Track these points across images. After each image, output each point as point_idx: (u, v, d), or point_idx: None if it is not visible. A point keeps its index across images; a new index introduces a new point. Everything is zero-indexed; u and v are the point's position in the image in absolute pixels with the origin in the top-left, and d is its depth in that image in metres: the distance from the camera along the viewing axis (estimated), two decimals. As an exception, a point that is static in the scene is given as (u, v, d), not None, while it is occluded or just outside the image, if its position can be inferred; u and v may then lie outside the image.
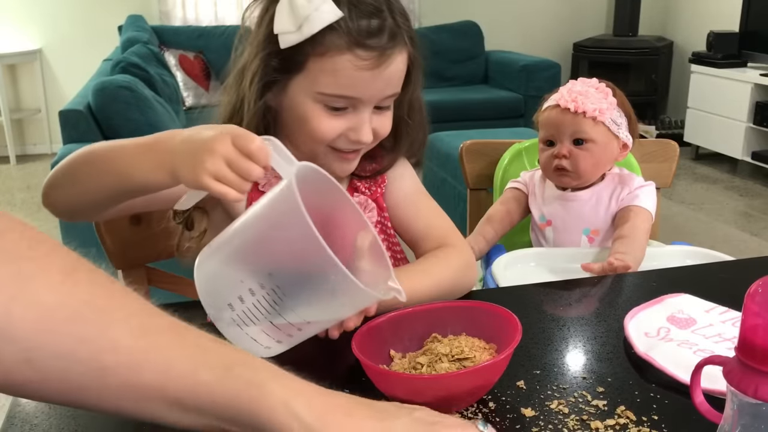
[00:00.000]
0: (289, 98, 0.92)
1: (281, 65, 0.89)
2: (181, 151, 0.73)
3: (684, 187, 4.12)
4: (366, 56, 0.86)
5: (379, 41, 0.86)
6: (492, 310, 0.79)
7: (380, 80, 0.88)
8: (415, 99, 1.00)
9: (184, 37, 4.48)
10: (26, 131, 4.90)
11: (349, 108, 0.90)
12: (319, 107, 0.89)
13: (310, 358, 0.85)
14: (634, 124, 1.33)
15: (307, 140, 0.93)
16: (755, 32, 4.36)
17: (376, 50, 0.86)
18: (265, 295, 0.68)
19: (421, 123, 1.04)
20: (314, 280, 0.67)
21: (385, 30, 0.87)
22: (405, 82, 0.94)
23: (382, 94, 0.90)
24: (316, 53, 0.87)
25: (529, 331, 0.87)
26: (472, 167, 1.55)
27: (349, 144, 0.92)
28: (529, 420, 0.68)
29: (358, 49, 0.86)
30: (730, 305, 0.92)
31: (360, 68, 0.86)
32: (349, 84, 0.87)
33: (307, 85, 0.89)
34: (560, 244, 1.34)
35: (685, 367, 0.73)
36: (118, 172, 0.78)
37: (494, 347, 0.77)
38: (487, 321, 0.78)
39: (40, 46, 4.76)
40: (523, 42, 5.25)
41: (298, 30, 0.85)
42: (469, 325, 0.80)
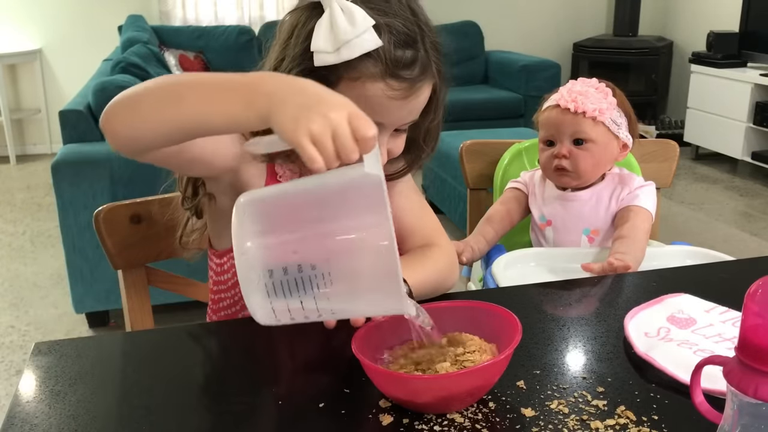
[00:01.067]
0: None
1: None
2: (286, 99, 0.68)
3: (684, 187, 4.12)
4: (397, 86, 0.87)
5: (411, 73, 0.87)
6: (492, 310, 0.79)
7: (406, 109, 0.90)
8: (434, 127, 1.00)
9: (184, 37, 4.48)
10: (26, 131, 4.91)
11: None
12: None
13: (310, 358, 0.85)
14: (634, 124, 1.33)
15: None
16: (755, 32, 4.36)
17: (407, 81, 0.87)
18: (313, 277, 0.65)
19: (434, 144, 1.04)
20: (367, 283, 0.66)
21: (418, 62, 0.87)
22: (426, 109, 0.95)
23: (403, 121, 0.92)
24: (350, 77, 0.87)
25: (529, 331, 0.87)
26: (472, 167, 1.55)
27: None
28: (529, 420, 0.68)
29: (391, 79, 0.86)
30: (730, 305, 0.92)
31: (390, 98, 0.87)
32: (377, 111, 0.86)
33: None
34: (560, 244, 1.34)
35: (685, 367, 0.73)
36: (195, 103, 0.73)
37: (494, 346, 0.77)
38: (487, 321, 0.78)
39: (40, 46, 4.76)
40: (523, 42, 5.25)
41: (336, 52, 0.85)
42: (469, 325, 0.80)
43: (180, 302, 1.97)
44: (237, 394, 0.75)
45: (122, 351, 0.90)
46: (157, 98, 0.76)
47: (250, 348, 0.88)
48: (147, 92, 0.76)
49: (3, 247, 3.25)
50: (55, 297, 2.74)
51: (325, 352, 0.86)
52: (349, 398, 0.73)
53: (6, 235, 3.39)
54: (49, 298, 2.73)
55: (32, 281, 2.88)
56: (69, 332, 2.47)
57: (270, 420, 0.72)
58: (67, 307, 2.53)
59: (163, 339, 0.93)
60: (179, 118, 0.74)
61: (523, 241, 1.44)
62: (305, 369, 0.83)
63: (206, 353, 0.89)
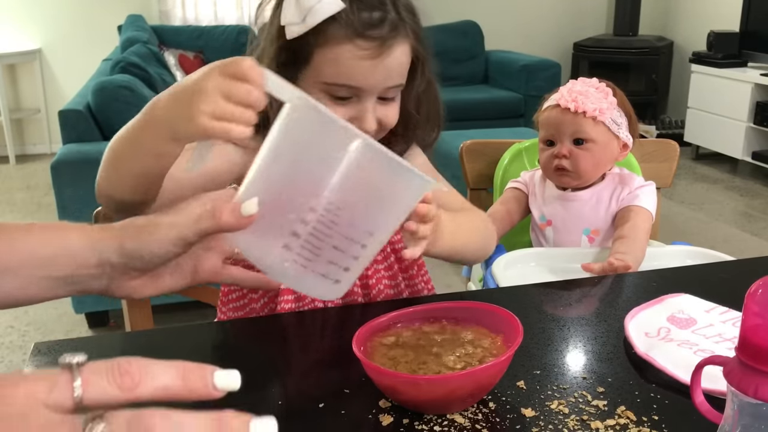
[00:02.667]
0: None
1: (289, 59, 0.92)
2: (171, 109, 0.71)
3: (684, 187, 4.12)
4: (366, 46, 0.89)
5: (380, 32, 0.89)
6: (492, 311, 0.78)
7: (381, 70, 0.91)
8: (423, 94, 1.01)
9: (184, 37, 4.48)
10: (26, 131, 4.90)
11: (353, 98, 0.92)
12: (324, 97, 0.92)
13: (310, 358, 0.85)
14: (634, 124, 1.33)
15: None
16: (755, 32, 4.36)
17: (376, 40, 0.89)
18: (320, 217, 0.63)
19: (433, 118, 1.05)
20: (358, 178, 0.63)
21: (386, 21, 0.90)
22: (411, 76, 0.97)
23: (383, 84, 0.92)
24: (320, 44, 0.90)
25: (529, 331, 0.87)
26: (472, 167, 1.55)
27: None
28: (529, 420, 0.68)
29: (359, 39, 0.89)
30: (731, 305, 0.92)
31: (360, 58, 0.89)
32: (350, 73, 0.90)
33: (313, 76, 0.92)
34: (560, 244, 1.34)
35: (685, 367, 0.73)
36: (132, 155, 0.78)
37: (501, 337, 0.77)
38: (488, 321, 0.78)
39: (40, 46, 4.76)
40: (523, 42, 5.25)
41: (303, 21, 0.88)
42: (470, 325, 0.80)
43: (180, 302, 1.97)
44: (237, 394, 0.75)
45: (122, 351, 0.90)
46: (107, 160, 0.83)
47: (249, 348, 0.88)
48: (106, 154, 0.84)
49: (3, 247, 3.25)
50: (55, 297, 2.73)
51: (326, 352, 0.85)
52: (349, 398, 0.73)
53: (6, 235, 3.38)
54: (49, 298, 2.72)
55: (32, 281, 2.88)
56: (69, 332, 2.47)
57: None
58: (66, 307, 2.53)
59: (162, 339, 0.93)
60: (132, 171, 0.80)
61: (523, 241, 1.44)
62: (305, 369, 0.83)
63: (206, 354, 0.89)
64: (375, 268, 1.04)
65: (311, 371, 0.82)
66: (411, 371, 0.73)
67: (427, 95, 1.02)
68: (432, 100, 1.04)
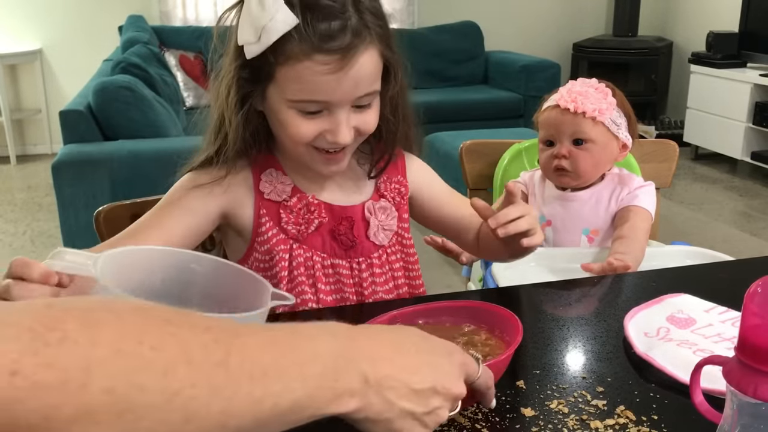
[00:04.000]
0: (268, 105, 0.92)
1: (252, 76, 0.90)
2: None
3: (683, 187, 4.12)
4: (326, 60, 0.84)
5: (340, 43, 0.84)
6: (492, 310, 0.79)
7: (347, 81, 0.87)
8: (398, 97, 0.98)
9: (185, 38, 4.48)
10: (26, 131, 4.90)
11: (324, 111, 0.89)
12: (294, 112, 0.89)
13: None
14: (634, 125, 1.33)
15: (290, 143, 0.93)
16: (755, 32, 4.36)
17: (337, 53, 0.85)
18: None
19: (407, 118, 1.03)
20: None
21: (347, 30, 0.85)
22: (385, 80, 0.93)
23: (352, 94, 0.89)
24: (279, 63, 0.86)
25: (529, 331, 0.87)
26: (472, 167, 1.55)
27: (329, 144, 0.92)
28: (529, 420, 0.69)
29: (317, 54, 0.84)
30: (730, 305, 0.92)
31: (322, 73, 0.85)
32: (315, 89, 0.86)
33: (279, 93, 0.89)
34: (560, 244, 1.34)
35: (684, 366, 0.74)
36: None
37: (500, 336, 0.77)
38: (488, 321, 0.79)
39: (40, 46, 4.75)
40: (523, 42, 5.25)
41: (258, 41, 0.85)
42: (469, 324, 0.80)
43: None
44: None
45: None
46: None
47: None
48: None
49: (3, 247, 3.25)
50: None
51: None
52: (349, 398, 0.73)
53: (6, 235, 3.39)
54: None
55: (32, 281, 2.88)
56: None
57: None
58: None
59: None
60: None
61: (523, 241, 1.44)
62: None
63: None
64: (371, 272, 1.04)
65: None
66: None
67: (402, 99, 1.00)
68: (406, 104, 1.01)
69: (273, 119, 0.93)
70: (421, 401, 0.57)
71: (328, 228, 1.00)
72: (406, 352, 0.58)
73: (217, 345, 0.46)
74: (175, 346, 0.43)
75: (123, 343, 0.41)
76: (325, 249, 1.00)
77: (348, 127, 0.90)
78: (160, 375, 0.42)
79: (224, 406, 0.45)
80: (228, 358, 0.45)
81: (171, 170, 0.99)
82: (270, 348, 0.49)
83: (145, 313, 0.44)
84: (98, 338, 0.40)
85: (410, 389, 0.56)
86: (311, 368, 0.50)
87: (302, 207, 0.99)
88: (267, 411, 0.47)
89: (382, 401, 0.55)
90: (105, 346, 0.40)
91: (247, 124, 0.93)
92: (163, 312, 0.45)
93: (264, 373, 0.47)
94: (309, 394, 0.50)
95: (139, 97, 2.52)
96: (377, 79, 0.91)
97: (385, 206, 1.03)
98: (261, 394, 0.47)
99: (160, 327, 0.44)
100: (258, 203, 0.98)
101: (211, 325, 0.47)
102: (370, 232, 1.02)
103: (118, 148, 2.35)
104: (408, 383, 0.56)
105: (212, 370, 0.44)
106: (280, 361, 0.49)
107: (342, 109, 0.89)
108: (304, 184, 1.01)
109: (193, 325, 0.46)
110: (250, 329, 0.50)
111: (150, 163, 2.26)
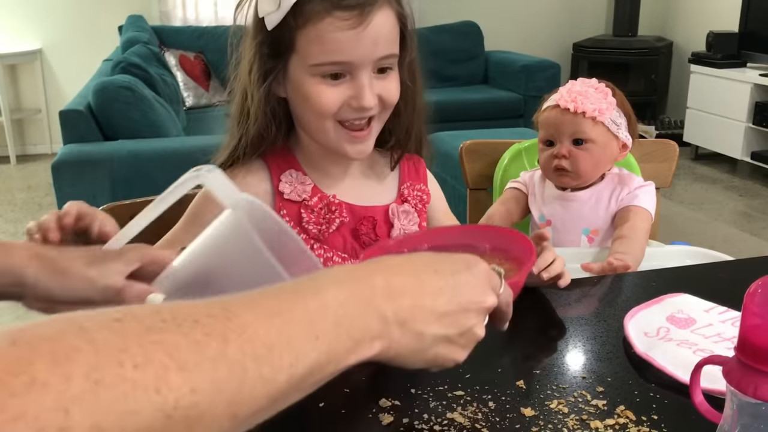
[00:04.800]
0: (291, 82, 0.94)
1: (274, 50, 0.92)
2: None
3: (683, 187, 4.12)
4: (345, 16, 0.87)
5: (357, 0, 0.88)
6: (502, 233, 0.78)
7: (366, 39, 0.89)
8: (414, 62, 1.00)
9: (185, 38, 4.48)
10: (26, 131, 4.91)
11: (346, 76, 0.91)
12: (317, 80, 0.91)
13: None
14: (634, 124, 1.33)
15: (315, 119, 0.94)
16: (755, 32, 4.36)
17: (355, 9, 0.88)
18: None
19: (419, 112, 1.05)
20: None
21: None
22: (402, 45, 0.95)
23: (372, 54, 0.90)
24: (300, 25, 0.89)
25: (528, 331, 0.87)
26: (472, 167, 1.55)
27: (354, 112, 0.93)
28: (529, 420, 0.68)
29: (336, 10, 0.87)
30: (730, 305, 0.92)
31: (341, 29, 0.87)
32: (335, 48, 0.88)
33: (301, 62, 0.91)
34: (560, 244, 1.34)
35: (684, 366, 0.73)
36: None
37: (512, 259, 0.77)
38: (498, 243, 0.78)
39: (40, 46, 4.76)
40: (523, 42, 5.25)
41: (279, 7, 0.88)
42: (480, 246, 0.79)
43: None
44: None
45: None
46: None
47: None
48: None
49: (3, 247, 3.25)
50: (55, 297, 2.73)
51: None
52: (349, 398, 0.73)
53: (6, 235, 3.39)
54: (49, 298, 2.73)
55: (32, 281, 2.88)
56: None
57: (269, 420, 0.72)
58: (67, 307, 2.53)
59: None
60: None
61: (522, 241, 1.44)
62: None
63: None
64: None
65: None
66: None
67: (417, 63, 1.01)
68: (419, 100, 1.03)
69: (297, 96, 0.94)
70: (452, 323, 0.54)
71: (349, 228, 1.01)
72: (424, 276, 0.54)
73: (210, 337, 0.41)
74: (162, 355, 0.39)
75: (101, 370, 0.36)
76: (346, 249, 1.01)
77: (371, 91, 0.91)
78: (151, 393, 0.37)
79: (231, 399, 0.41)
80: (225, 348, 0.41)
81: (171, 170, 0.99)
82: (271, 319, 0.45)
83: (121, 327, 0.39)
84: (71, 372, 0.35)
85: (438, 313, 0.53)
86: (322, 324, 0.47)
87: (323, 206, 1.00)
88: (282, 385, 0.44)
89: (410, 334, 0.52)
90: (81, 379, 0.35)
91: (268, 99, 0.95)
92: (142, 318, 0.41)
93: (270, 348, 0.43)
94: (325, 351, 0.47)
95: (139, 97, 2.52)
96: (395, 42, 0.93)
97: (408, 210, 1.05)
98: (270, 371, 0.43)
99: (141, 338, 0.39)
100: (278, 204, 1.00)
101: (199, 316, 0.42)
102: (392, 233, 1.03)
103: (118, 148, 2.35)
104: (433, 308, 0.53)
105: (210, 366, 0.40)
106: (285, 330, 0.45)
107: (364, 72, 0.90)
108: (324, 183, 1.01)
109: (178, 324, 0.41)
110: (244, 304, 0.45)
111: (150, 163, 2.26)
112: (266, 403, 0.44)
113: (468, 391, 0.72)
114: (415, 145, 1.08)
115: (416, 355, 0.53)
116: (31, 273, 0.68)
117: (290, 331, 0.45)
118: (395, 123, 1.03)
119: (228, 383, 0.41)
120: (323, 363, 0.47)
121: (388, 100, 0.94)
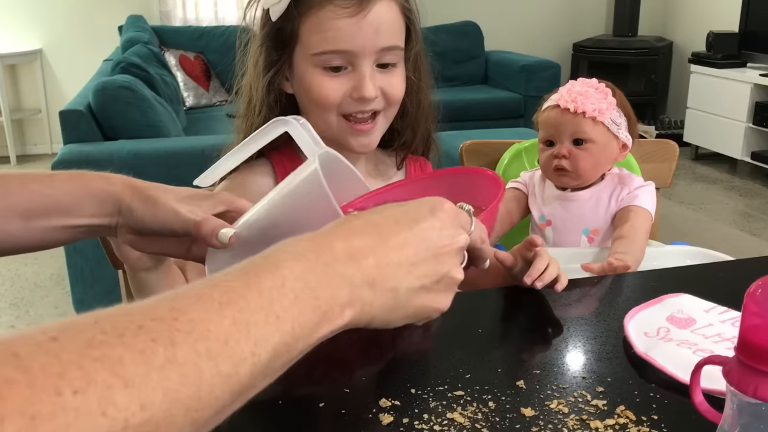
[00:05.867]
0: (296, 75, 0.95)
1: (279, 42, 0.93)
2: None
3: (683, 187, 4.12)
4: (345, 4, 0.88)
5: None
6: (468, 173, 0.78)
7: (366, 28, 0.89)
8: (419, 58, 1.00)
9: (185, 38, 4.49)
10: (26, 131, 4.91)
11: (348, 67, 0.92)
12: (319, 71, 0.92)
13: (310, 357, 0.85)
14: (634, 125, 1.33)
15: (319, 112, 0.95)
16: (755, 32, 4.36)
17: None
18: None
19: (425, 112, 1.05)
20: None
21: None
22: (407, 38, 0.96)
23: (374, 44, 0.90)
24: (302, 14, 0.90)
25: (529, 331, 0.87)
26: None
27: (356, 104, 0.93)
28: (529, 420, 0.68)
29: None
30: (730, 305, 0.92)
31: (341, 17, 0.88)
32: (336, 36, 0.89)
33: (304, 52, 0.92)
34: (560, 244, 1.34)
35: (684, 366, 0.73)
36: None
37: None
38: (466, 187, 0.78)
39: (40, 46, 4.76)
40: (523, 42, 5.25)
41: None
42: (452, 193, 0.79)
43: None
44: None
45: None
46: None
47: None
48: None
49: (3, 247, 3.25)
50: (56, 297, 2.74)
51: (325, 351, 0.86)
52: (349, 398, 0.73)
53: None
54: (50, 298, 2.73)
55: (32, 281, 2.89)
56: (69, 332, 2.47)
57: (269, 420, 0.72)
58: (67, 307, 2.54)
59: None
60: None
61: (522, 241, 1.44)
62: (305, 368, 0.83)
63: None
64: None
65: (311, 371, 0.82)
66: None
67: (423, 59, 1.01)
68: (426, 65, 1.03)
69: (301, 88, 0.95)
70: (425, 272, 0.52)
71: None
72: (386, 231, 0.52)
73: (156, 343, 0.38)
74: (105, 373, 0.35)
75: (37, 403, 0.32)
76: None
77: (372, 82, 0.91)
78: (97, 418, 0.33)
79: (189, 405, 0.38)
80: (174, 351, 0.38)
81: (171, 170, 1.00)
82: (222, 309, 0.41)
83: (58, 348, 0.35)
84: (6, 410, 0.31)
85: (407, 265, 0.51)
86: (282, 302, 0.44)
87: None
88: (245, 377, 0.41)
89: (382, 293, 0.50)
90: (16, 416, 0.31)
91: (270, 89, 0.96)
92: (80, 332, 0.37)
93: (225, 341, 0.40)
94: (290, 330, 0.44)
95: (139, 97, 2.52)
96: (399, 34, 0.93)
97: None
98: (230, 366, 0.40)
99: (80, 357, 0.35)
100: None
101: (143, 321, 0.39)
102: None
103: (118, 148, 2.35)
104: (401, 261, 0.51)
105: (159, 376, 0.37)
106: (240, 318, 0.42)
107: (365, 63, 0.91)
108: None
109: (119, 333, 0.37)
110: (191, 298, 0.42)
111: (150, 163, 2.26)
112: (231, 399, 0.41)
113: (468, 391, 0.72)
114: (422, 146, 1.08)
115: (395, 313, 0.52)
116: (126, 200, 0.71)
117: (247, 317, 0.42)
118: (401, 123, 1.03)
119: (182, 390, 0.38)
120: (290, 342, 0.45)
121: (391, 94, 0.94)
